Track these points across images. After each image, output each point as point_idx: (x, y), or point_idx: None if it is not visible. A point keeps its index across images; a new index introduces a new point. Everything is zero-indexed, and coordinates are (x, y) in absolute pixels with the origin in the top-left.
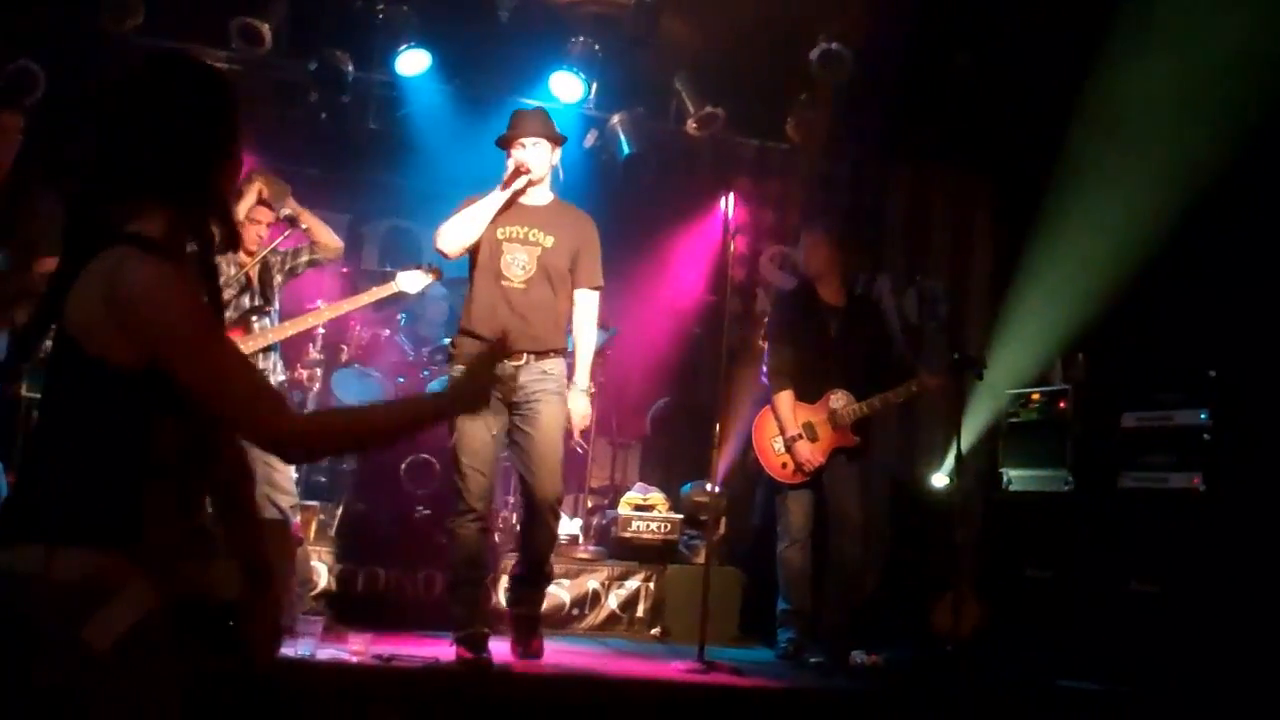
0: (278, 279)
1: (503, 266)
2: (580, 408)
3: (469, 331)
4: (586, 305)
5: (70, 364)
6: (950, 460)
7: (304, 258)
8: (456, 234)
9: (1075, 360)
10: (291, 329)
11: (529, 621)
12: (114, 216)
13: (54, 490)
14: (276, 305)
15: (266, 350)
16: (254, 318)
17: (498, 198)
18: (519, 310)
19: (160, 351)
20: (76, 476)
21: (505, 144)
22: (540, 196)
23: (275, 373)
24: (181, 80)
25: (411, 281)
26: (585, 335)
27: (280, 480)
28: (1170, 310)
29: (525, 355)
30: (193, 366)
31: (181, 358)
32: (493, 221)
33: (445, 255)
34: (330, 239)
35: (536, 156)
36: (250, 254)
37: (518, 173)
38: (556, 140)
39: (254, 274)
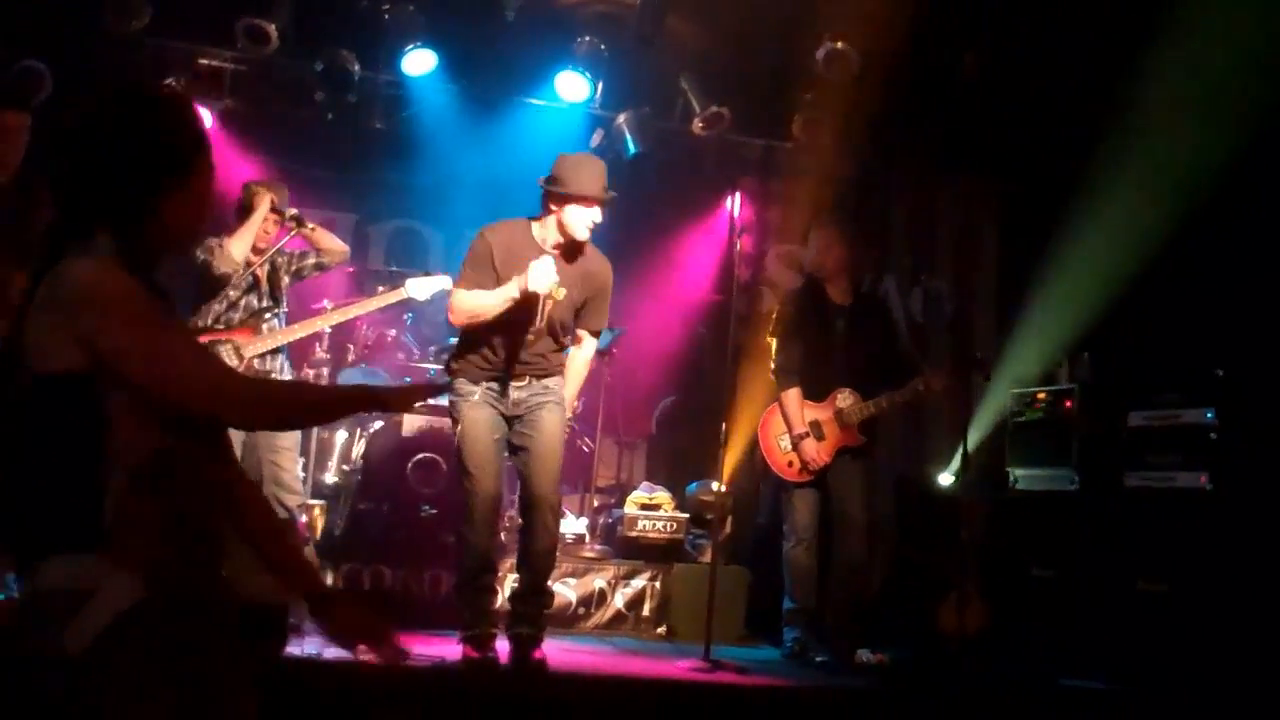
0: (285, 280)
1: (511, 314)
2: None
3: (474, 357)
4: (586, 345)
5: (21, 379)
6: (956, 460)
7: (310, 260)
8: (468, 317)
9: (1081, 359)
10: (301, 331)
11: (531, 640)
12: (71, 244)
13: (26, 509)
14: (284, 306)
15: (275, 351)
16: (263, 318)
17: (512, 295)
18: (526, 352)
19: (98, 340)
20: (44, 490)
21: (559, 198)
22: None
23: (283, 372)
24: (127, 111)
25: (420, 289)
26: (578, 369)
27: (287, 479)
28: (1176, 309)
29: (528, 377)
30: (128, 348)
31: (115, 339)
32: (510, 268)
33: (453, 324)
34: (335, 244)
35: (592, 224)
36: (258, 252)
37: (544, 305)
38: (609, 205)
39: (262, 274)
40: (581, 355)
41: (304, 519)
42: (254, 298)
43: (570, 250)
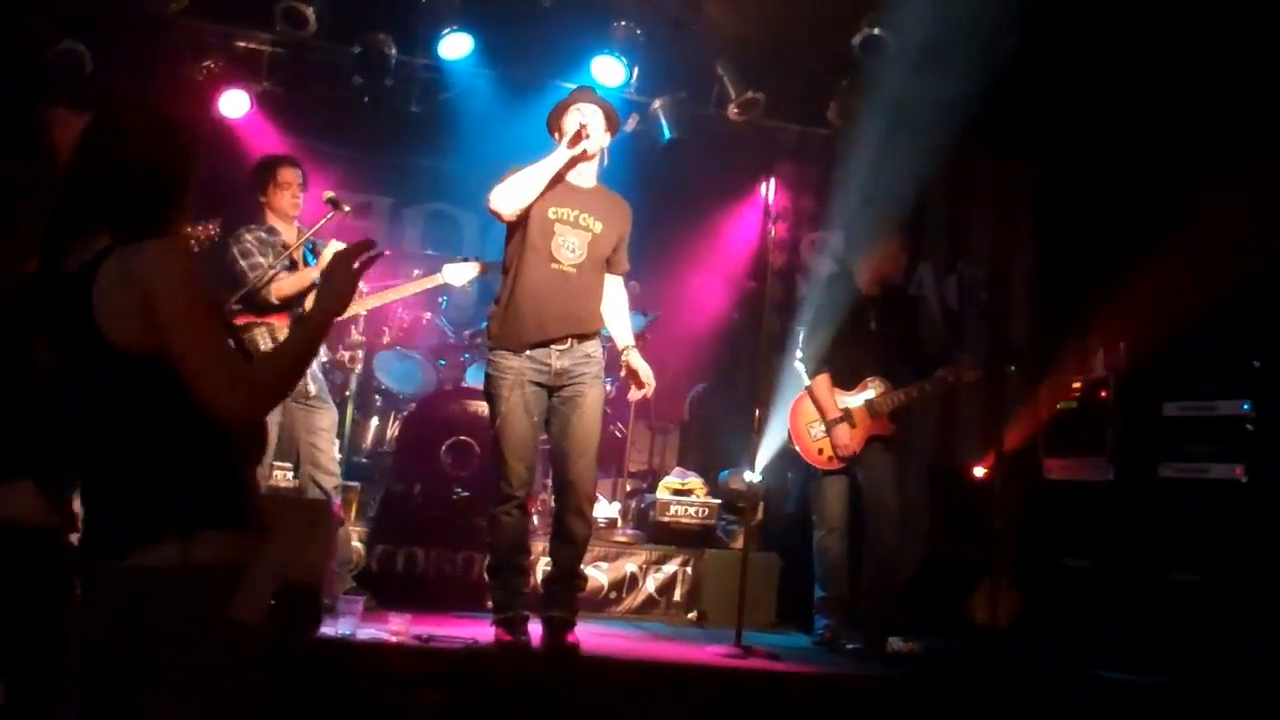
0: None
1: (554, 248)
2: (646, 365)
3: (514, 306)
4: (619, 288)
5: (109, 361)
6: (990, 449)
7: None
8: (515, 194)
9: (1117, 348)
10: None
11: (564, 624)
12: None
13: (171, 484)
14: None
15: None
16: (299, 302)
17: (559, 158)
18: (567, 293)
19: (159, 323)
20: (191, 467)
21: (558, 113)
22: (587, 179)
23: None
24: (133, 127)
25: (457, 275)
26: (624, 310)
27: (324, 460)
28: (1214, 299)
29: (569, 339)
30: (181, 339)
31: (173, 329)
32: (543, 200)
33: (499, 216)
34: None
35: (595, 124)
36: (288, 219)
37: (580, 134)
38: (612, 119)
39: (299, 257)
40: (621, 299)
41: (339, 500)
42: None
43: (596, 192)
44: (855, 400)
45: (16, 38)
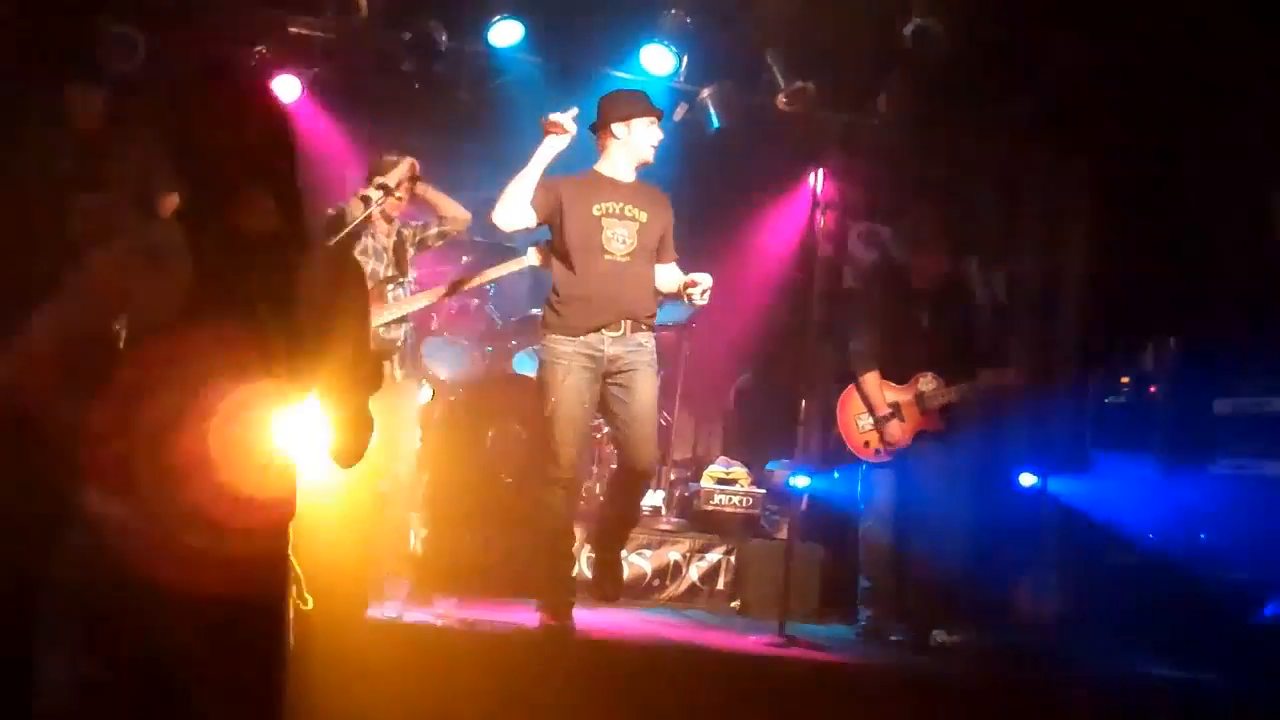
0: (410, 251)
1: (604, 241)
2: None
3: (570, 298)
4: (672, 273)
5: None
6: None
7: (433, 230)
8: (507, 205)
9: (1168, 344)
10: (425, 299)
11: (611, 567)
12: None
13: None
14: (411, 276)
15: (400, 320)
16: (389, 287)
17: (538, 162)
18: (622, 281)
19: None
20: None
21: (623, 116)
22: (625, 173)
23: (407, 341)
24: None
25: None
26: (678, 274)
27: None
28: (1266, 294)
29: (622, 324)
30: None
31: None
32: (584, 199)
33: (505, 230)
34: (457, 211)
35: (565, 118)
36: (389, 220)
37: (547, 128)
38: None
39: (389, 243)
40: (671, 270)
41: None
42: (382, 267)
43: (635, 186)
44: (906, 395)
45: (70, 21)
